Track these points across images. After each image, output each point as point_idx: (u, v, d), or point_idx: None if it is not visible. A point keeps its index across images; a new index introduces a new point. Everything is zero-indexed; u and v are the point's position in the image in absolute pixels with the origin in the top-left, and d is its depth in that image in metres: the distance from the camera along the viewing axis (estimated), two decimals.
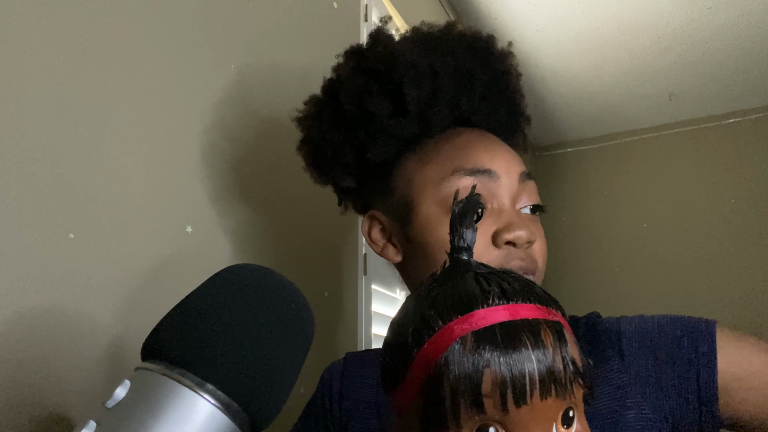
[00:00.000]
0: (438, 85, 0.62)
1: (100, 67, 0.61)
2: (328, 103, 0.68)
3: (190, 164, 0.72)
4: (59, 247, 0.54)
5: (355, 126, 0.64)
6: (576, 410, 0.34)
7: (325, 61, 0.94)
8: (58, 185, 0.55)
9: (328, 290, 0.99)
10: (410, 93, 0.61)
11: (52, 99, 0.55)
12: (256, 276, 0.41)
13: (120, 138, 0.62)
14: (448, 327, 0.33)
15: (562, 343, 0.32)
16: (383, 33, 0.68)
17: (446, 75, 0.63)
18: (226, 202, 0.77)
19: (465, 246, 0.37)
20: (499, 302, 0.33)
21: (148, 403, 0.33)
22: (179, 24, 0.72)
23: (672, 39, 2.00)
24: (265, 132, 0.87)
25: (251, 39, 0.86)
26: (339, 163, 0.67)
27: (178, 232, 0.69)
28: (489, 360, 0.31)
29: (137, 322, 0.60)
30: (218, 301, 0.38)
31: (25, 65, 0.53)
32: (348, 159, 0.66)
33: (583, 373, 0.33)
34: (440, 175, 0.60)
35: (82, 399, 0.55)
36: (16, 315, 0.50)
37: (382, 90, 0.63)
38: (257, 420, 0.36)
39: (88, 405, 0.55)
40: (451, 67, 0.63)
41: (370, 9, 1.28)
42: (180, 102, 0.71)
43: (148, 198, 0.65)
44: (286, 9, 0.97)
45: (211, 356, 0.34)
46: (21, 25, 0.53)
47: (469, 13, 1.97)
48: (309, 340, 0.41)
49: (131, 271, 0.61)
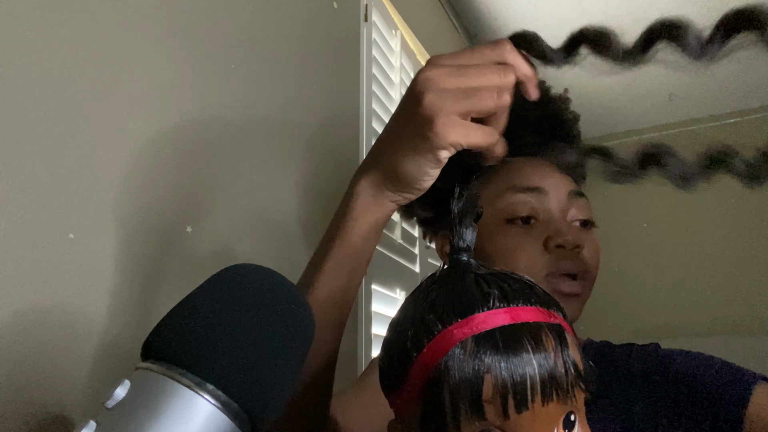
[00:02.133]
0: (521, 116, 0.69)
1: (100, 67, 0.61)
2: None
3: (190, 164, 0.72)
4: (59, 247, 0.54)
5: None
6: (577, 414, 0.33)
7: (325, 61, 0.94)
8: (58, 185, 0.55)
9: None
10: None
11: (51, 98, 0.55)
12: (256, 276, 0.41)
13: (120, 138, 0.62)
14: (448, 331, 0.32)
15: (564, 347, 0.32)
16: None
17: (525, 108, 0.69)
18: (226, 202, 0.77)
19: (465, 246, 0.36)
20: (500, 305, 0.33)
21: (148, 403, 0.33)
22: (179, 24, 0.72)
23: None
24: (264, 132, 0.87)
25: (251, 39, 0.86)
26: None
27: (178, 232, 0.68)
28: (489, 365, 0.31)
29: (137, 322, 0.60)
30: (218, 301, 0.38)
31: (25, 65, 0.53)
32: None
33: (585, 377, 0.33)
34: (495, 193, 0.68)
35: (82, 399, 0.55)
36: (16, 315, 0.50)
37: None
38: (257, 420, 0.36)
39: (88, 405, 0.55)
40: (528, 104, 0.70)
41: (370, 9, 1.28)
42: (180, 102, 0.71)
43: (148, 198, 0.65)
44: (286, 9, 0.97)
45: (211, 356, 0.34)
46: (21, 25, 0.53)
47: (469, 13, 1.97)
48: (309, 340, 0.41)
49: (131, 271, 0.61)
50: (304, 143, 0.97)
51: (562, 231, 0.64)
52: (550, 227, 0.65)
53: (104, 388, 0.55)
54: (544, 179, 0.68)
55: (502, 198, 0.67)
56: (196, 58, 0.74)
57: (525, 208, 0.66)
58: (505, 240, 0.66)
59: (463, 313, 0.33)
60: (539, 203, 0.66)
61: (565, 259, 0.64)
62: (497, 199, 0.67)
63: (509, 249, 0.65)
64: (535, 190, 0.67)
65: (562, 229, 0.64)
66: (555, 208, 0.67)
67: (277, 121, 0.90)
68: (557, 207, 0.67)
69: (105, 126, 0.61)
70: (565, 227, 0.65)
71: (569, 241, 0.64)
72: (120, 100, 0.63)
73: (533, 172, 0.68)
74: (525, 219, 0.66)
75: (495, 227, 0.67)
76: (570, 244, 0.64)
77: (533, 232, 0.65)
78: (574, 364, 0.32)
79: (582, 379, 0.33)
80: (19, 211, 0.51)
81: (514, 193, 0.66)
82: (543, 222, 0.66)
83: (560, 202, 0.67)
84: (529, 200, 0.66)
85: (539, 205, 0.66)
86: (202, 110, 0.75)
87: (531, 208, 0.66)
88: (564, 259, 0.64)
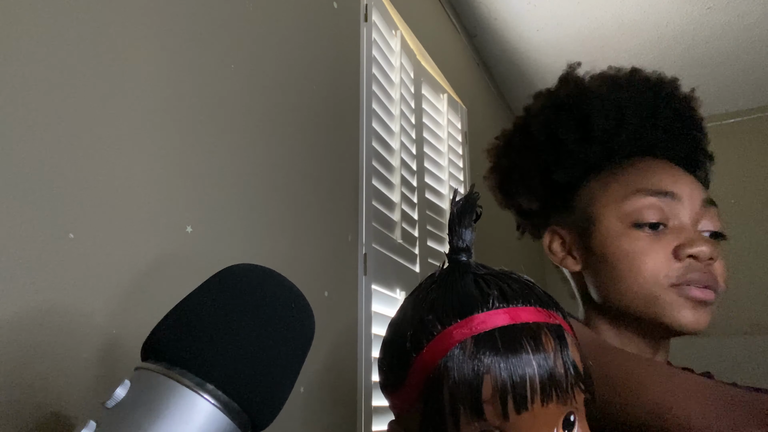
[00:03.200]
0: (623, 117, 0.69)
1: (100, 67, 0.61)
2: (518, 135, 0.78)
3: (190, 164, 0.72)
4: (59, 247, 0.54)
5: (543, 152, 0.72)
6: (577, 414, 0.33)
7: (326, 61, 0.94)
8: (58, 185, 0.55)
9: (328, 290, 0.99)
10: (597, 122, 0.69)
11: (51, 99, 0.55)
12: (256, 276, 0.41)
13: (120, 138, 0.62)
14: (447, 331, 0.32)
15: (563, 347, 0.32)
16: (572, 74, 0.76)
17: (630, 109, 0.69)
18: (226, 202, 0.77)
19: (464, 247, 0.36)
20: (499, 305, 0.33)
21: (148, 403, 0.33)
22: (179, 24, 0.72)
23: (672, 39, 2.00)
24: (264, 132, 0.87)
25: (251, 39, 0.86)
26: (525, 186, 0.76)
27: (178, 232, 0.69)
28: (489, 366, 0.31)
29: (137, 322, 0.60)
30: (218, 301, 0.38)
31: (25, 65, 0.53)
32: (534, 182, 0.74)
33: (584, 377, 0.33)
34: (622, 194, 0.65)
35: (82, 399, 0.55)
36: (16, 315, 0.50)
37: (572, 120, 0.70)
38: (257, 420, 0.36)
39: (88, 405, 0.55)
40: (636, 103, 0.70)
41: (370, 9, 1.28)
42: (180, 102, 0.71)
43: (148, 198, 0.65)
44: (286, 9, 0.97)
45: (211, 356, 0.34)
46: (20, 25, 0.53)
47: (469, 13, 1.97)
48: (309, 340, 0.41)
49: (131, 271, 0.61)
50: (304, 143, 0.97)
51: (696, 240, 0.61)
52: (682, 235, 0.62)
53: (104, 388, 0.56)
54: (677, 183, 0.65)
55: (630, 201, 0.64)
56: (196, 58, 0.74)
57: (655, 213, 0.63)
58: (630, 244, 0.63)
59: (462, 314, 0.32)
60: (670, 209, 0.63)
61: (696, 271, 0.61)
62: (623, 201, 0.65)
63: (636, 253, 0.63)
64: (667, 195, 0.64)
65: (696, 239, 0.62)
66: (686, 216, 0.64)
67: (276, 120, 0.90)
68: (689, 215, 0.64)
69: (105, 126, 0.61)
70: (699, 237, 0.62)
71: (704, 252, 0.61)
72: (120, 99, 0.63)
73: (665, 174, 0.65)
74: (654, 224, 0.63)
75: (619, 230, 0.64)
76: (705, 255, 0.61)
77: (663, 239, 0.62)
78: (574, 364, 0.32)
79: (582, 380, 0.32)
80: (19, 211, 0.51)
81: (645, 196, 0.64)
82: (673, 229, 0.63)
83: (693, 209, 0.64)
84: (660, 205, 0.63)
85: (670, 211, 0.63)
86: (202, 110, 0.75)
87: (661, 214, 0.63)
88: (695, 271, 0.61)
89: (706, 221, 0.65)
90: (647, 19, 1.90)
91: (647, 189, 0.64)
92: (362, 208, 1.13)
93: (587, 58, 0.76)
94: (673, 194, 0.64)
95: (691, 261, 0.62)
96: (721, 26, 1.90)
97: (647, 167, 0.67)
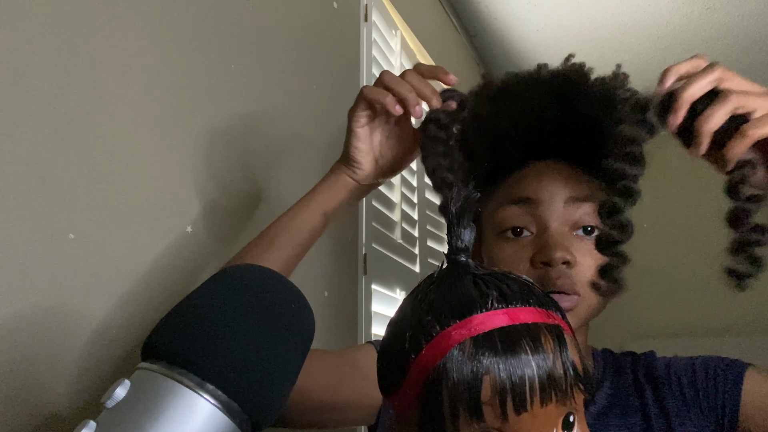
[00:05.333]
0: (502, 129, 0.68)
1: (100, 67, 0.61)
2: None
3: (190, 164, 0.72)
4: (59, 247, 0.54)
5: None
6: (576, 415, 0.33)
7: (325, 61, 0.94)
8: (58, 185, 0.55)
9: (328, 290, 0.99)
10: (474, 141, 0.68)
11: (52, 98, 0.55)
12: (256, 276, 0.41)
13: (120, 138, 0.62)
14: (446, 332, 0.32)
15: (563, 348, 0.32)
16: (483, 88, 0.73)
17: (509, 118, 0.67)
18: (226, 202, 0.78)
19: (462, 247, 0.36)
20: (498, 306, 0.33)
21: (148, 403, 0.33)
22: (179, 24, 0.72)
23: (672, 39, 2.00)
24: (264, 132, 0.87)
25: (251, 39, 0.86)
26: None
27: (178, 232, 0.69)
28: (488, 367, 0.30)
29: (137, 322, 0.60)
30: (218, 301, 0.38)
31: (25, 65, 0.53)
32: None
33: (584, 378, 0.33)
34: (495, 204, 0.66)
35: (82, 399, 0.55)
36: (16, 315, 0.50)
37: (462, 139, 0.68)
38: (257, 420, 0.36)
39: (88, 405, 0.55)
40: (516, 111, 0.67)
41: (370, 9, 1.28)
42: (180, 102, 0.71)
43: (148, 198, 0.65)
44: (286, 9, 0.97)
45: (211, 356, 0.34)
46: (20, 24, 0.53)
47: (469, 13, 1.97)
48: (309, 340, 0.41)
49: (131, 271, 0.62)
50: (304, 143, 0.97)
51: (547, 246, 0.60)
52: (538, 242, 0.62)
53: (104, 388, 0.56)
54: (539, 189, 0.64)
55: (497, 211, 0.65)
56: (196, 59, 0.74)
57: (513, 220, 0.63)
58: (498, 253, 0.64)
59: (461, 314, 0.32)
60: (531, 214, 0.63)
61: (551, 278, 0.60)
62: (494, 212, 0.65)
63: (502, 262, 0.63)
64: (525, 201, 0.64)
65: (548, 244, 0.61)
66: (551, 219, 0.63)
67: (276, 121, 0.91)
68: (552, 217, 0.63)
69: (105, 126, 0.61)
70: (556, 240, 0.61)
71: (555, 259, 0.60)
72: (120, 100, 0.63)
73: (531, 180, 0.65)
74: (515, 231, 0.63)
75: (491, 240, 0.65)
76: (556, 261, 0.60)
77: (525, 246, 0.63)
78: (573, 364, 0.32)
79: (581, 380, 0.32)
80: (19, 211, 0.51)
81: (508, 205, 0.64)
82: (537, 235, 0.63)
83: (555, 211, 0.63)
84: (519, 212, 0.63)
85: (531, 217, 0.63)
86: (202, 110, 0.75)
87: (519, 220, 0.63)
88: (550, 278, 0.60)
89: (575, 219, 0.63)
90: (647, 19, 1.90)
91: (510, 198, 0.65)
92: (362, 208, 1.13)
93: (587, 58, 0.72)
94: (531, 199, 0.63)
95: (547, 268, 0.60)
96: (721, 26, 1.90)
97: (522, 174, 0.66)
